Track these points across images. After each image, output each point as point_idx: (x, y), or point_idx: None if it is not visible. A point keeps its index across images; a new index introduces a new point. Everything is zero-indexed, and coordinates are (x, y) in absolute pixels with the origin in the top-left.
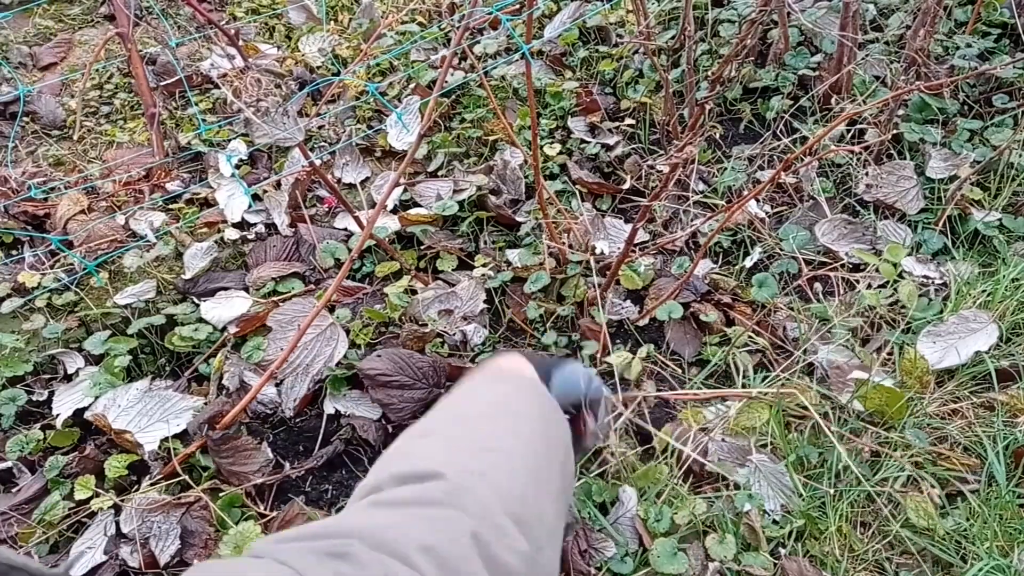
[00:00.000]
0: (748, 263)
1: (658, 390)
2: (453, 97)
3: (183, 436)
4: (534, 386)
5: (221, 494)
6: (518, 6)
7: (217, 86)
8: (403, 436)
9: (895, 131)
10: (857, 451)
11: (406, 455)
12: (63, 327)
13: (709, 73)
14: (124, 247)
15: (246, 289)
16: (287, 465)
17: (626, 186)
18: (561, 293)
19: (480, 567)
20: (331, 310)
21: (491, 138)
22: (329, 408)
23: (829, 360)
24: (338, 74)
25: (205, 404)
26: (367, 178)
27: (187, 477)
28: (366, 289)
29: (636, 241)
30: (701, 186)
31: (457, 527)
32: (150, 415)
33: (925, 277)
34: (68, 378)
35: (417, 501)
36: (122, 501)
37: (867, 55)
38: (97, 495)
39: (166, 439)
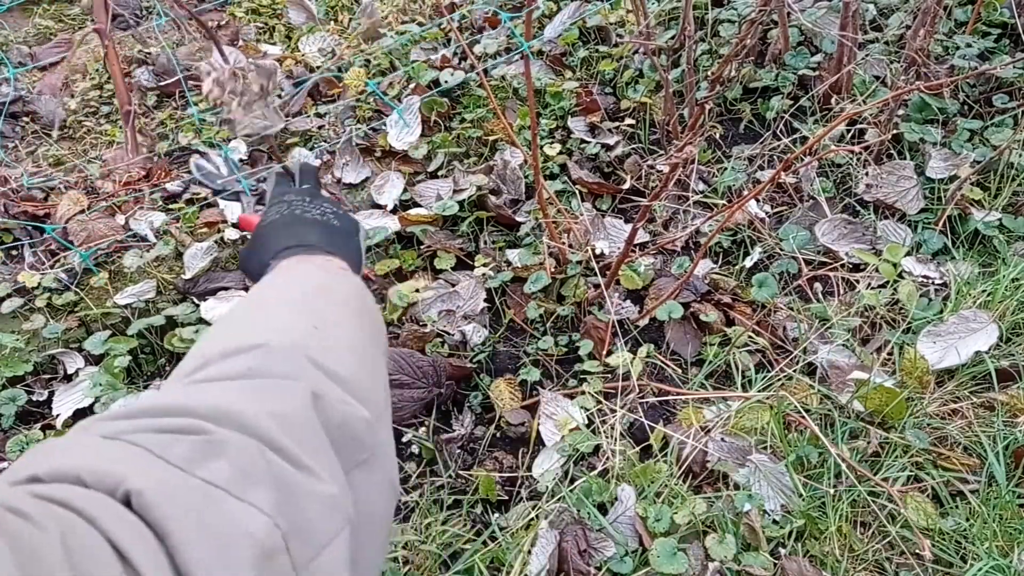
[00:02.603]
0: (748, 263)
1: (658, 392)
2: (453, 97)
3: None
4: (343, 271)
5: None
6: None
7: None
8: (219, 322)
9: (895, 131)
10: (858, 451)
11: (227, 334)
12: (63, 327)
13: (709, 73)
14: (119, 243)
15: (246, 289)
16: None
17: (626, 186)
18: (561, 293)
19: (323, 436)
20: None
21: (491, 138)
22: None
23: (829, 360)
24: (338, 72)
25: None
26: (367, 178)
27: None
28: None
29: (636, 241)
30: (701, 186)
31: (295, 393)
32: None
33: (925, 277)
34: (68, 378)
35: (248, 373)
36: None
37: (867, 55)
38: None
39: None
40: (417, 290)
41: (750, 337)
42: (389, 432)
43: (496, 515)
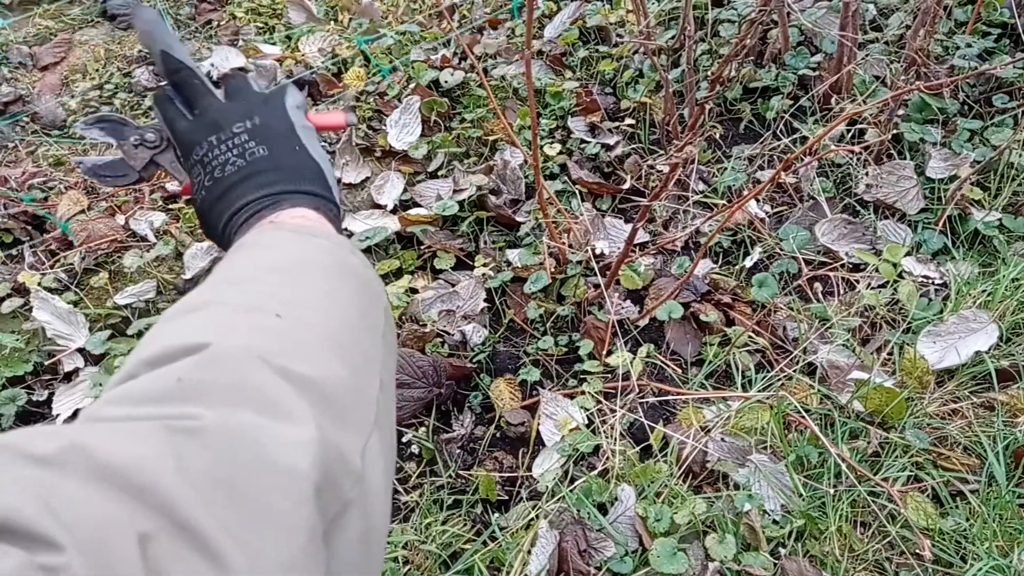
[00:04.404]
0: (748, 263)
1: (658, 392)
2: (453, 97)
3: None
4: (330, 234)
5: None
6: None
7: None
8: (171, 311)
9: (895, 131)
10: (858, 451)
11: (165, 331)
12: None
13: (709, 73)
14: (119, 243)
15: None
16: None
17: (626, 186)
18: (561, 293)
19: (271, 497)
20: None
21: (491, 138)
22: None
23: (829, 360)
24: (338, 73)
25: None
26: (367, 178)
27: None
28: None
29: (636, 241)
30: (701, 186)
31: (230, 436)
32: None
33: (925, 277)
34: (68, 378)
35: (175, 391)
36: None
37: (867, 55)
38: None
39: None
40: (412, 288)
41: (750, 337)
42: (386, 443)
43: (496, 515)
